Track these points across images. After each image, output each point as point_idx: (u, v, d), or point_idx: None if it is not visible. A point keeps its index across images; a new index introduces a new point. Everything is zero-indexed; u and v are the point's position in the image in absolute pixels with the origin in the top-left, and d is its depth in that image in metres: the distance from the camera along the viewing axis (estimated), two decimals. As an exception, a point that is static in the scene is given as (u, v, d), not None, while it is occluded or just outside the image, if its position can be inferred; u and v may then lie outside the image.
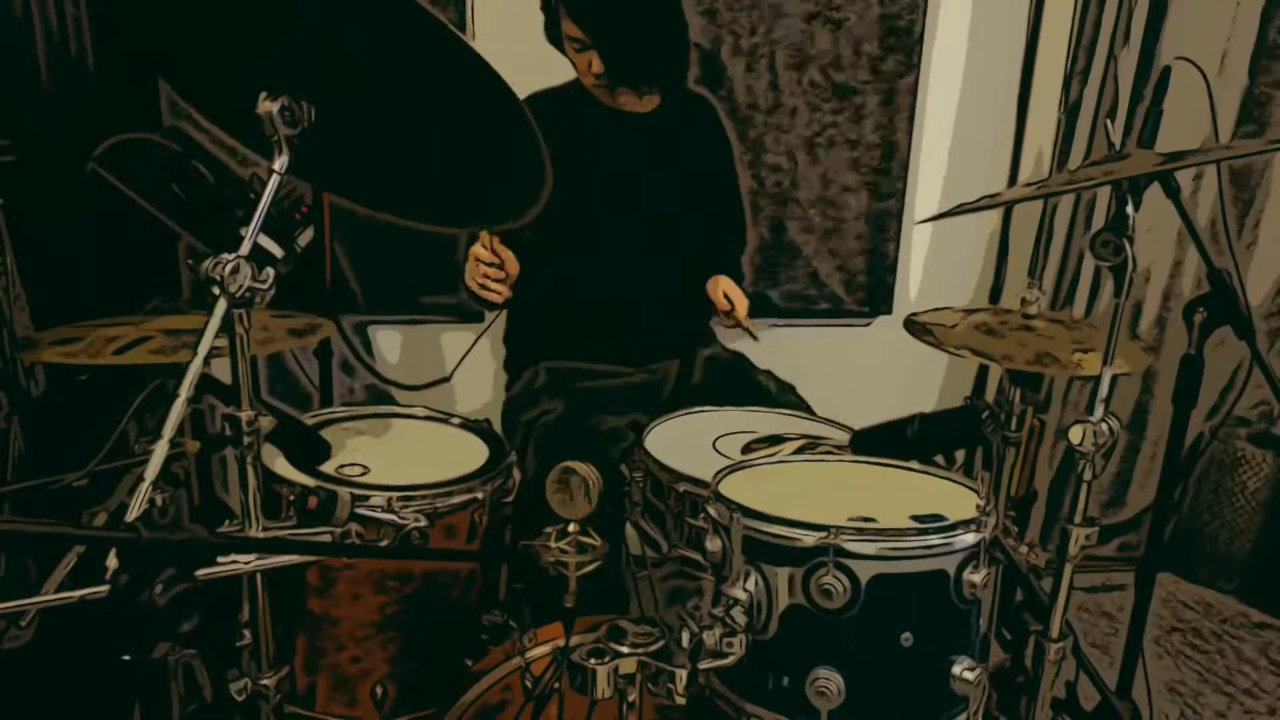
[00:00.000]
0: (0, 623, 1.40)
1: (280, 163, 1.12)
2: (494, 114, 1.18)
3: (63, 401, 1.81)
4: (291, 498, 1.46)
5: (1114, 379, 1.29)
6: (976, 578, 1.17)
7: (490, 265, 1.88)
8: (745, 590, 1.18)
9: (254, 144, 1.16)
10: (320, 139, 1.15)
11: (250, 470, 1.16)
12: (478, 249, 1.90)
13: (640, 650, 1.12)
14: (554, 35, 2.06)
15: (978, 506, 1.21)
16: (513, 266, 1.91)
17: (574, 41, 2.02)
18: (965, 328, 1.74)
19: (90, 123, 1.97)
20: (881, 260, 2.99)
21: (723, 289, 2.21)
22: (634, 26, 2.01)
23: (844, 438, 1.70)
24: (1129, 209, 1.30)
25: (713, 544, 1.23)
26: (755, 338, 2.14)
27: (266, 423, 1.17)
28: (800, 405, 2.02)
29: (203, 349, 1.04)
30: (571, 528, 1.20)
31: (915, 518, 1.20)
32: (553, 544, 1.20)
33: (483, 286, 1.90)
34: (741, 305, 2.19)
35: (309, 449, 1.51)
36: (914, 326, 1.72)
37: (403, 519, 1.36)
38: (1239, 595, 2.86)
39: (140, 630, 0.86)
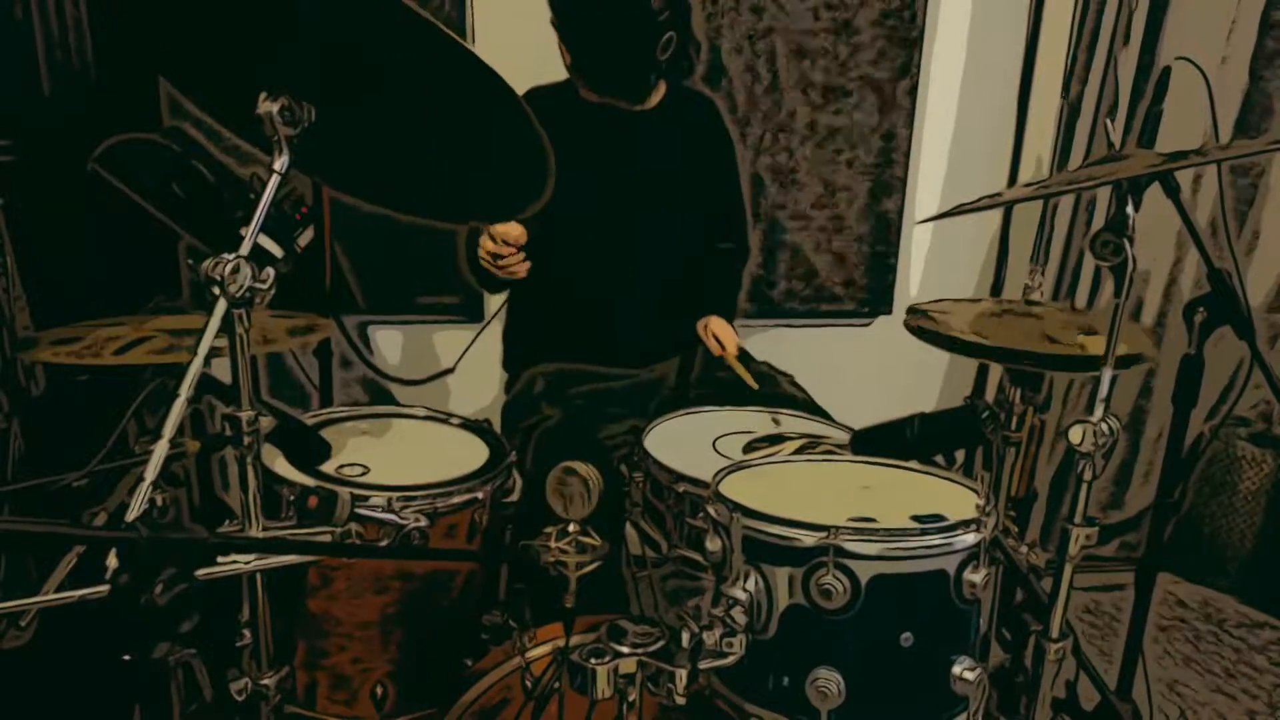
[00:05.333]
0: (0, 622, 1.40)
1: (280, 163, 1.12)
2: (494, 109, 1.18)
3: (63, 401, 1.82)
4: (291, 498, 1.46)
5: (1114, 379, 1.29)
6: (976, 578, 1.17)
7: (505, 255, 1.88)
8: (745, 590, 1.18)
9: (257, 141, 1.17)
10: (324, 133, 1.15)
11: (250, 470, 1.16)
12: (486, 244, 1.89)
13: (640, 650, 1.12)
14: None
15: (978, 506, 1.21)
16: (521, 237, 1.89)
17: (556, 29, 2.02)
18: (967, 316, 1.75)
19: (90, 123, 1.97)
20: (881, 260, 2.99)
21: (713, 330, 2.16)
22: (602, 36, 1.98)
23: (844, 438, 1.70)
24: (1129, 209, 1.30)
25: (713, 544, 1.23)
26: (754, 387, 1.99)
27: (266, 423, 1.17)
28: (801, 394, 2.02)
29: (203, 349, 1.04)
30: (571, 528, 1.20)
31: (915, 518, 1.20)
32: (553, 544, 1.20)
33: (504, 268, 1.90)
34: (731, 345, 2.13)
35: (309, 449, 1.51)
36: (915, 315, 1.72)
37: (403, 519, 1.37)
38: (1238, 595, 2.86)
39: (140, 630, 0.86)
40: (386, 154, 1.30)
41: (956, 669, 1.18)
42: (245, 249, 1.08)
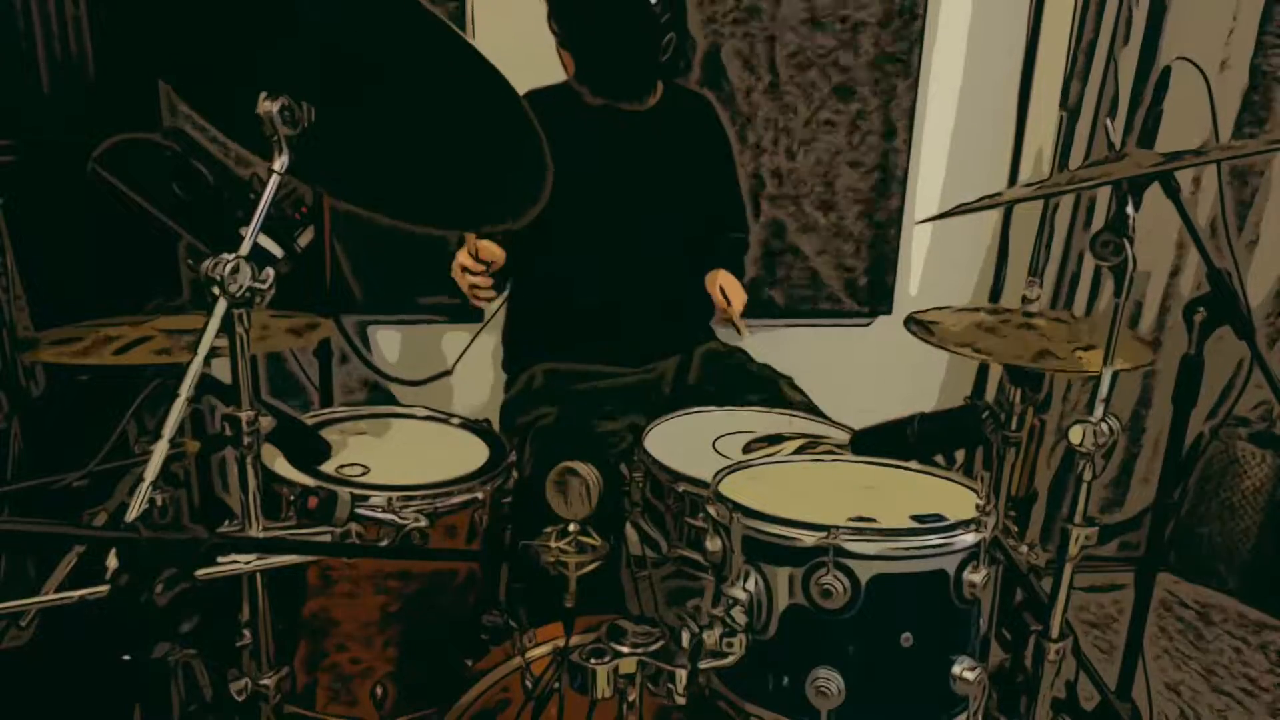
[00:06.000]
0: (0, 622, 1.40)
1: (280, 163, 1.12)
2: (495, 113, 1.18)
3: (63, 401, 1.82)
4: (291, 498, 1.46)
5: (1114, 379, 1.29)
6: (976, 578, 1.17)
7: (476, 274, 1.90)
8: (745, 590, 1.18)
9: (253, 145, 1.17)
10: (321, 141, 1.15)
11: (250, 470, 1.16)
12: (463, 257, 1.91)
13: (640, 650, 1.12)
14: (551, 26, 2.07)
15: (978, 506, 1.21)
16: (500, 259, 1.92)
17: (555, 36, 2.02)
18: (965, 326, 1.74)
19: (90, 123, 1.97)
20: (881, 260, 2.99)
21: (720, 283, 2.19)
22: (604, 38, 2.00)
23: (844, 438, 1.70)
24: (1129, 209, 1.30)
25: (713, 544, 1.24)
26: (742, 334, 2.12)
27: (266, 423, 1.17)
28: (800, 396, 2.02)
29: (203, 349, 1.04)
30: (571, 528, 1.20)
31: (915, 518, 1.20)
32: (553, 544, 1.20)
33: (472, 288, 1.92)
34: (738, 301, 2.17)
35: (309, 449, 1.51)
36: (912, 325, 1.72)
37: (403, 519, 1.37)
38: (1239, 595, 2.86)
39: (140, 630, 0.86)
40: (384, 156, 1.29)
41: (956, 669, 1.18)
42: (245, 249, 1.08)
